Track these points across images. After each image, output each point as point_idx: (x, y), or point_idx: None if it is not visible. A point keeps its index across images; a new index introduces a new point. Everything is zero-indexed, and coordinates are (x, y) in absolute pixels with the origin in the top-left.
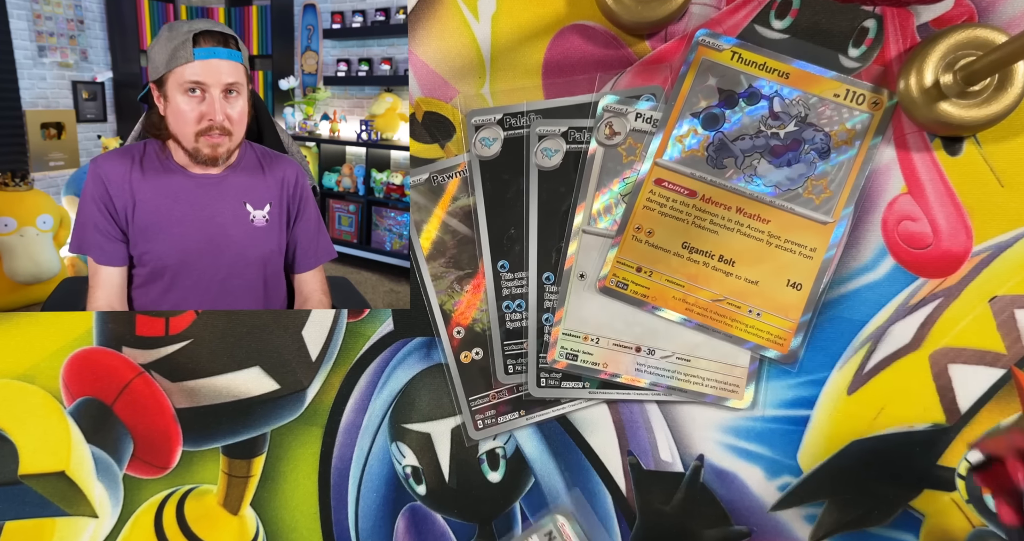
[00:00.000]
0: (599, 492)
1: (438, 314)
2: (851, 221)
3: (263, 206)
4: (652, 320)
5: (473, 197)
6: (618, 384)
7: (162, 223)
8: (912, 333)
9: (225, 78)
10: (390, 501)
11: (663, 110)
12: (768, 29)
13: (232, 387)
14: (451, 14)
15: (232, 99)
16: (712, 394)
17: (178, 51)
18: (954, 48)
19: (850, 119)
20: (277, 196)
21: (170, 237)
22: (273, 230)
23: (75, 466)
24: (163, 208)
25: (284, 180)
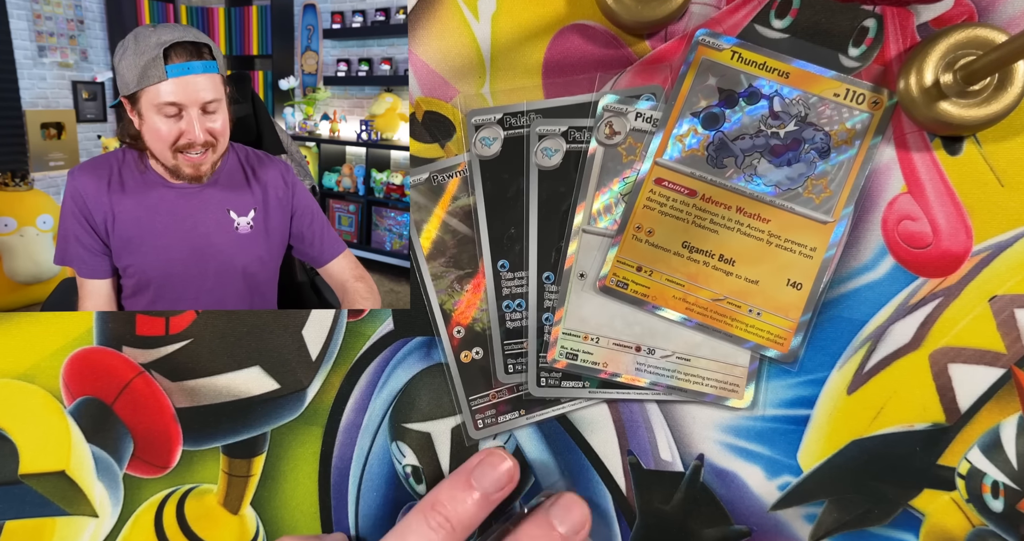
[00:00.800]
0: (599, 492)
1: (438, 314)
2: (851, 221)
3: (247, 212)
4: (652, 320)
5: (473, 197)
6: (618, 384)
7: (144, 235)
8: (912, 333)
9: (202, 95)
10: (390, 500)
11: (663, 110)
12: (768, 29)
13: (232, 387)
14: (451, 14)
15: (211, 114)
16: (712, 394)
17: (148, 69)
18: (954, 47)
19: (850, 119)
20: (262, 201)
21: (153, 249)
22: (259, 236)
23: (75, 466)
24: (144, 220)
25: (269, 182)
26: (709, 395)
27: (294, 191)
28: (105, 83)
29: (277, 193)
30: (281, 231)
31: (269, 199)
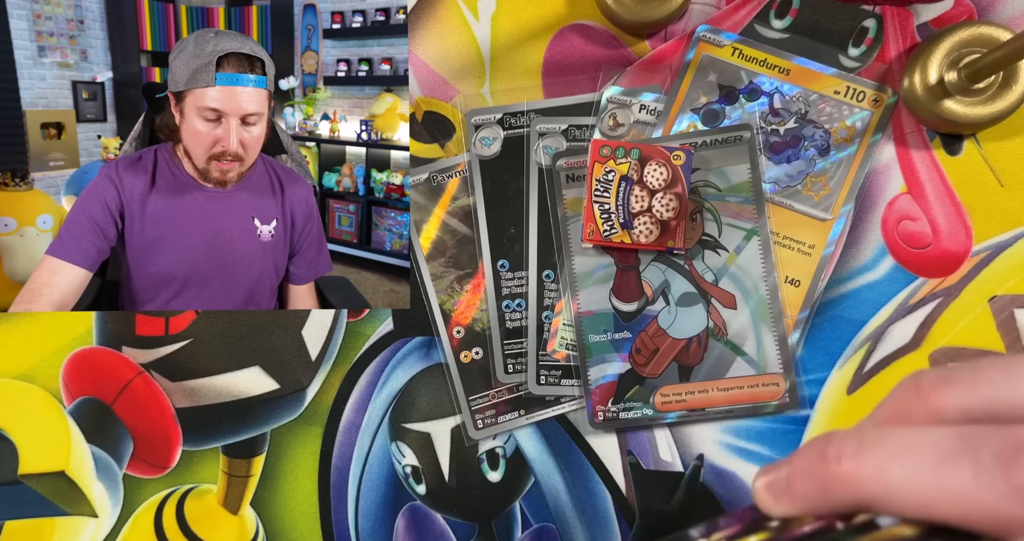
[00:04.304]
0: (599, 492)
1: (438, 314)
2: (850, 218)
3: (270, 221)
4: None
5: (473, 197)
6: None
7: (170, 235)
8: (912, 333)
9: (245, 107)
10: (390, 501)
11: (664, 104)
12: (768, 28)
13: (232, 387)
14: (451, 14)
15: (250, 126)
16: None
17: (199, 72)
18: (958, 45)
19: (850, 116)
20: (285, 213)
21: (178, 249)
22: (278, 246)
23: (75, 466)
24: (173, 220)
25: (294, 199)
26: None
27: (311, 215)
28: (105, 83)
29: (300, 209)
30: (291, 244)
31: (290, 214)
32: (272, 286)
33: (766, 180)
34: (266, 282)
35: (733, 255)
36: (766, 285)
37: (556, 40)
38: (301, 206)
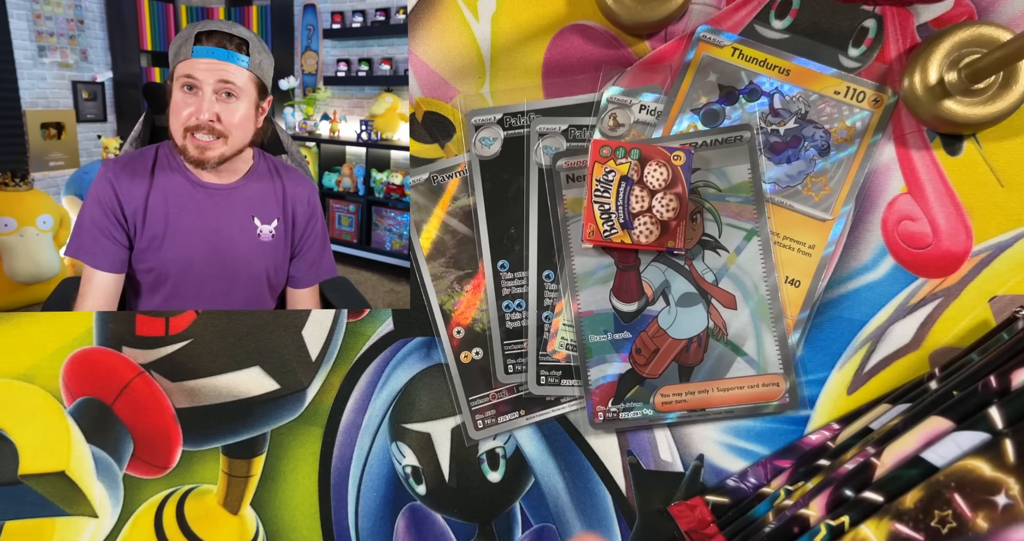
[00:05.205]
0: (599, 492)
1: (438, 314)
2: (850, 218)
3: (271, 221)
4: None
5: (473, 197)
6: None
7: (168, 232)
8: (912, 333)
9: (219, 75)
10: (390, 501)
11: (664, 104)
12: (768, 29)
13: (232, 387)
14: (451, 14)
15: (227, 100)
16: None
17: (181, 48)
18: (959, 46)
19: (850, 116)
20: (286, 213)
21: (175, 246)
22: (279, 246)
23: (75, 466)
24: (172, 217)
25: (296, 198)
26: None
27: (314, 214)
28: (105, 83)
29: (302, 209)
30: (292, 245)
31: (292, 214)
32: (273, 287)
33: (766, 180)
34: (265, 282)
35: (733, 255)
36: (766, 285)
37: (556, 40)
38: (303, 206)
